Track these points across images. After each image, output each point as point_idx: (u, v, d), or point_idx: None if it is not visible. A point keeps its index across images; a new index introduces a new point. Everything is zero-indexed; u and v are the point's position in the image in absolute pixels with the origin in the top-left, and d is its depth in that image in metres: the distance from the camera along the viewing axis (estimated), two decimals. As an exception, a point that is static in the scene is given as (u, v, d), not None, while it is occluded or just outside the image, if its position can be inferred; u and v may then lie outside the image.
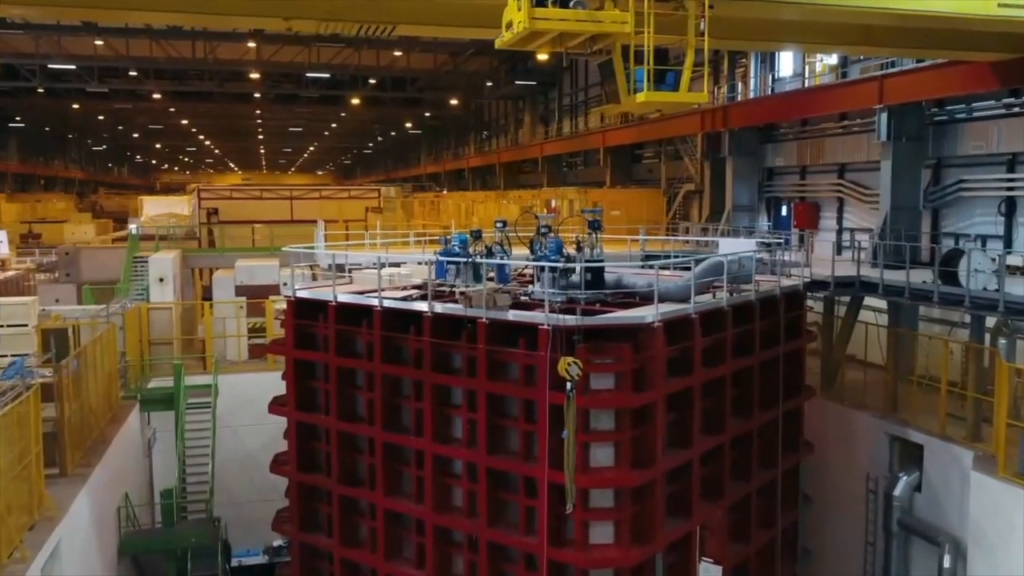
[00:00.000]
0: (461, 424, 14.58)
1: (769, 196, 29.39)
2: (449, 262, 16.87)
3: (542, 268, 15.30)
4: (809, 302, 19.50)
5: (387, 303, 15.32)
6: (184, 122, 77.07)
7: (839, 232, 25.66)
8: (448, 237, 18.21)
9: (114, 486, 17.09)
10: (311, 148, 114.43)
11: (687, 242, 26.10)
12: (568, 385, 12.37)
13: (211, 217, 36.20)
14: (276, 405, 17.60)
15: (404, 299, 15.63)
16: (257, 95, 57.64)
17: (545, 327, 13.14)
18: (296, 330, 16.67)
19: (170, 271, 26.46)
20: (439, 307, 14.64)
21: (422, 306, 14.79)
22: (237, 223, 34.39)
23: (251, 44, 44.97)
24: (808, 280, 18.40)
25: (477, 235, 17.83)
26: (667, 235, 27.72)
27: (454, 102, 60.98)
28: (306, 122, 79.98)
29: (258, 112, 70.77)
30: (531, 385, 13.59)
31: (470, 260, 15.91)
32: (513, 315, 13.78)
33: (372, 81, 54.36)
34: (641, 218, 33.34)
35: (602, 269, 16.05)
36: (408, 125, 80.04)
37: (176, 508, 18.43)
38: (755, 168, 29.11)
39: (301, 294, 16.76)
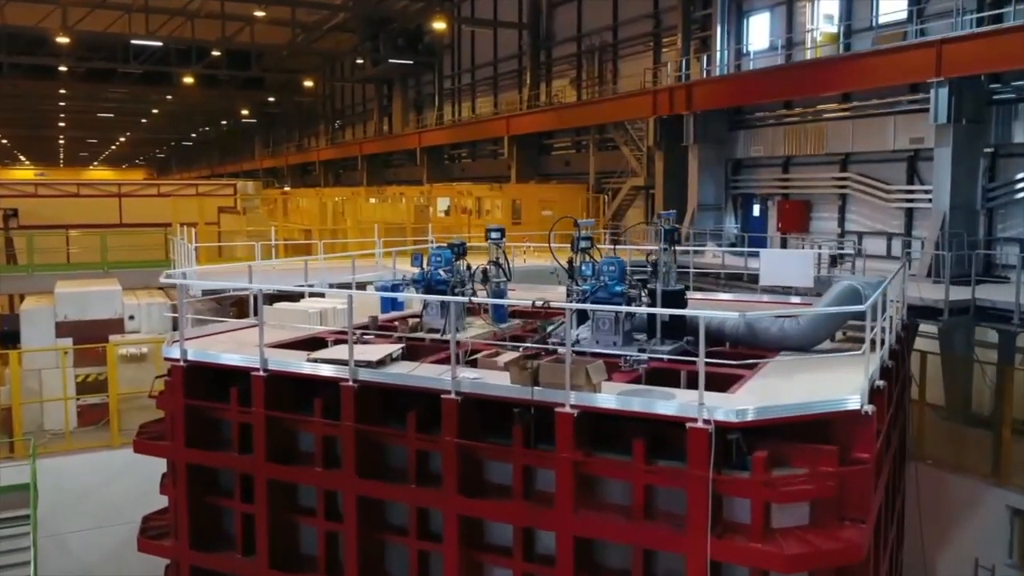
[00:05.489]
0: (512, 582, 8.54)
1: (736, 193, 24.79)
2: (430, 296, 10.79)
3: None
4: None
5: (366, 373, 9.01)
6: (-37, 103, 64.01)
7: (841, 236, 21.36)
8: (421, 254, 12.08)
9: None
10: (121, 139, 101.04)
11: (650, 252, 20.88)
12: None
13: (8, 221, 27.28)
14: (150, 538, 10.70)
15: (382, 362, 9.34)
16: (63, 69, 47.23)
17: (701, 425, 7.35)
18: (189, 416, 9.93)
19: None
20: (469, 378, 8.54)
21: (439, 376, 8.62)
22: (47, 228, 25.78)
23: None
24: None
25: (461, 250, 12.12)
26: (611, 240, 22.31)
27: (309, 84, 53.09)
28: (120, 106, 68.74)
29: (62, 92, 59.43)
30: (656, 521, 7.78)
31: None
32: (636, 403, 7.81)
33: (216, 53, 45.55)
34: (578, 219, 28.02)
35: (683, 303, 10.61)
36: (244, 112, 70.63)
37: None
38: (721, 160, 24.41)
39: (197, 355, 10.01)
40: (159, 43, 42.34)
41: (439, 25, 34.78)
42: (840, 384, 8.45)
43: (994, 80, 17.35)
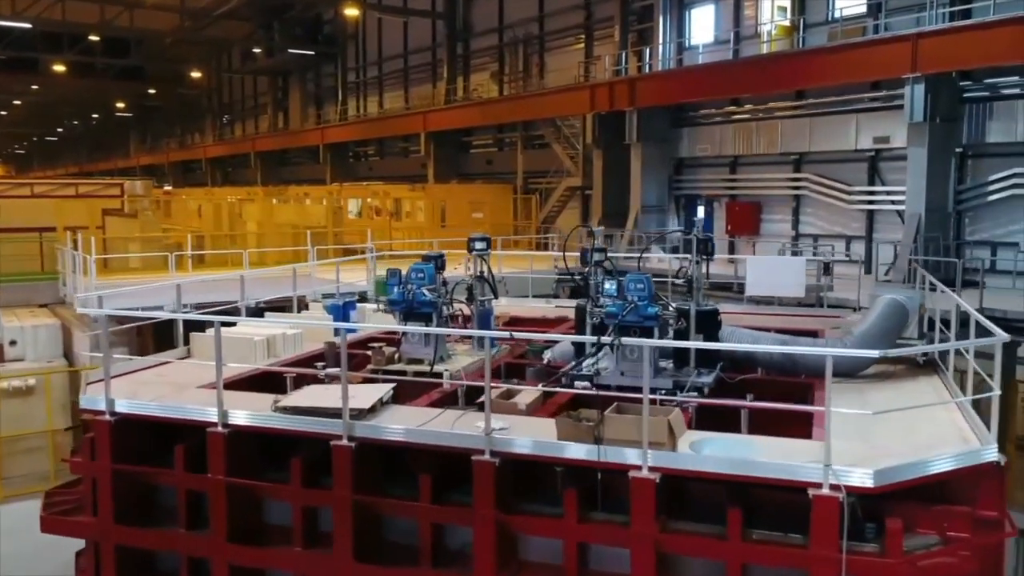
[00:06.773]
0: None
1: (680, 194, 23.66)
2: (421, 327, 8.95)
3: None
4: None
5: (363, 429, 7.12)
6: None
7: (795, 239, 20.49)
8: (399, 269, 10.13)
9: None
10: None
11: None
12: None
13: None
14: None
15: (373, 410, 7.47)
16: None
17: (828, 492, 5.83)
18: (119, 484, 7.71)
19: None
20: (497, 430, 6.77)
21: (455, 430, 6.84)
22: None
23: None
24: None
25: (440, 264, 10.33)
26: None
27: (196, 75, 49.19)
28: (-24, 97, 62.47)
29: (-94, 80, 53.24)
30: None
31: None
32: (744, 466, 6.18)
33: (93, 38, 41.20)
34: (508, 221, 26.51)
35: (717, 325, 9.16)
36: (120, 105, 65.35)
37: None
38: (665, 159, 23.22)
39: (129, 407, 7.79)
40: (27, 25, 37.88)
41: (351, 12, 32.25)
42: (944, 425, 7.18)
43: (963, 77, 16.77)
